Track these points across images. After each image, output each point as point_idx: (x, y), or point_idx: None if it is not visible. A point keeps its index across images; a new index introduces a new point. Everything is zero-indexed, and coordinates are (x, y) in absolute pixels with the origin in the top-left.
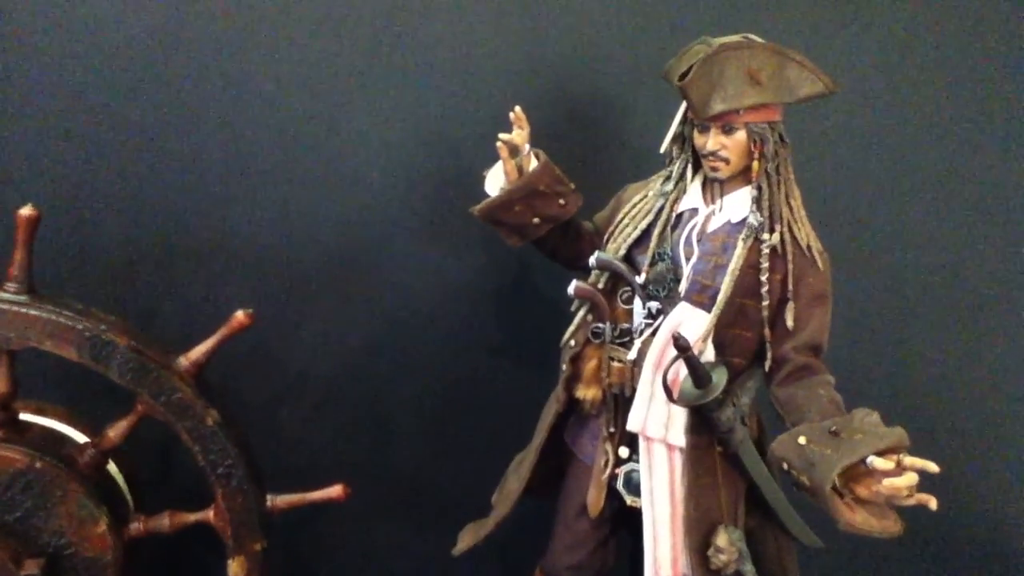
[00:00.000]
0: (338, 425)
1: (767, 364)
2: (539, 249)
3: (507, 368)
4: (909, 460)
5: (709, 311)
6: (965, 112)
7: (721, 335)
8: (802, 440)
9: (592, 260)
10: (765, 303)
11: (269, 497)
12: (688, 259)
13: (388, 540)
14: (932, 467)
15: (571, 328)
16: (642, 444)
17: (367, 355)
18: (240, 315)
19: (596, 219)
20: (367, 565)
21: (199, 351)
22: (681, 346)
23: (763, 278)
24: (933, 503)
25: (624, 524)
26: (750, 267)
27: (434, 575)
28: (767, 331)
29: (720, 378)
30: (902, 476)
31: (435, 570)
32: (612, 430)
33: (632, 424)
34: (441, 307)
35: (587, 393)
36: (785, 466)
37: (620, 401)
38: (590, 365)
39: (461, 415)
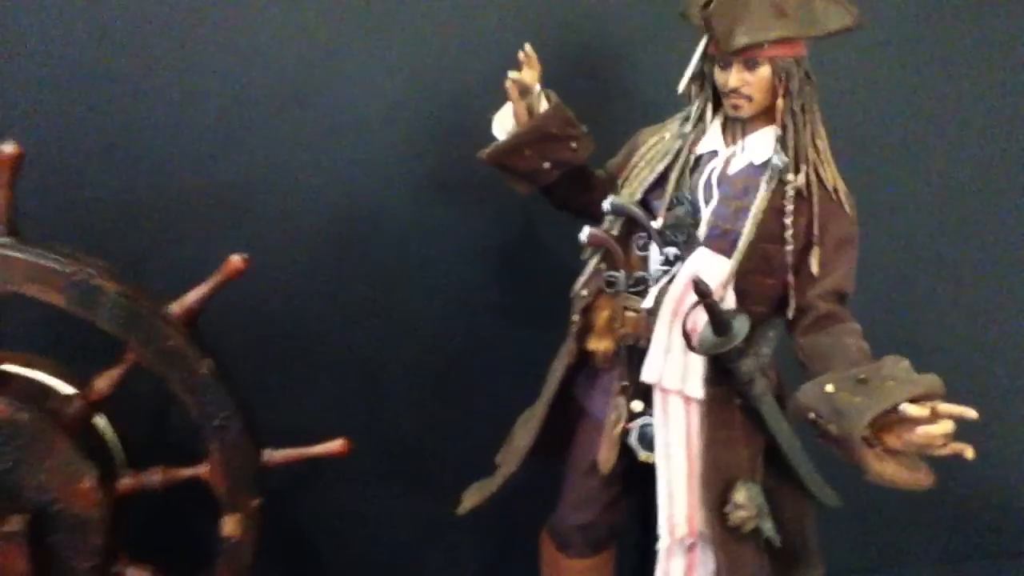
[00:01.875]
0: (335, 384)
1: (790, 312)
2: (548, 198)
3: (513, 325)
4: (945, 407)
5: (730, 257)
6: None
7: (742, 282)
8: (829, 388)
9: (606, 205)
10: (789, 248)
11: (265, 452)
12: (707, 203)
13: (388, 502)
14: (971, 413)
15: (582, 277)
16: (657, 397)
17: (366, 310)
18: (235, 260)
19: (609, 166)
20: (366, 528)
21: (192, 297)
22: (702, 291)
23: (787, 221)
24: (969, 452)
25: (636, 481)
26: (773, 210)
27: (437, 537)
28: (791, 277)
29: (742, 326)
30: (937, 424)
31: (437, 531)
32: (625, 383)
33: (647, 375)
34: (444, 259)
35: (599, 345)
36: (811, 416)
37: (634, 353)
38: (603, 315)
39: (465, 373)
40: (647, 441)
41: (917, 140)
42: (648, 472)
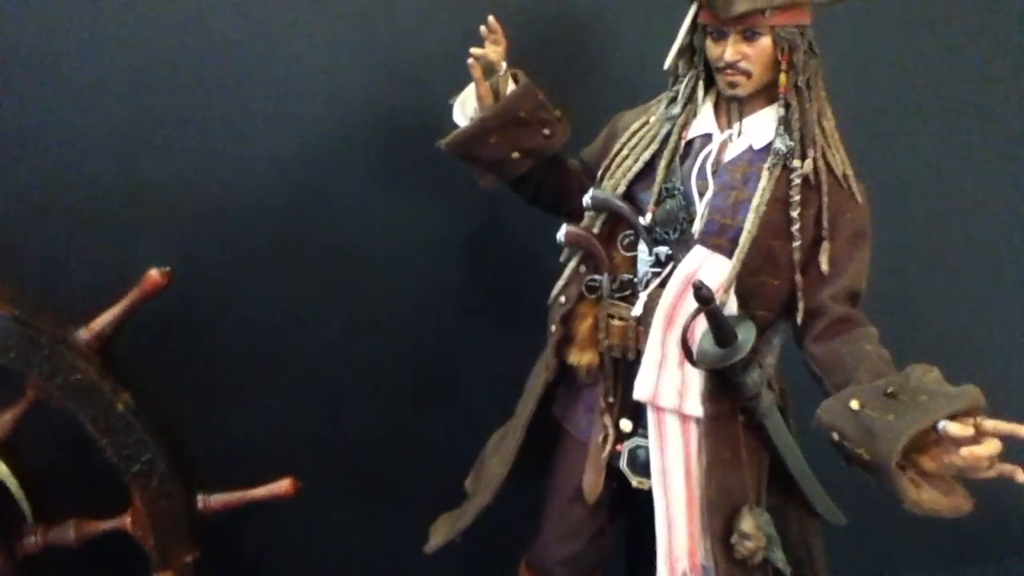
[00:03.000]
0: (284, 404)
1: (799, 316)
2: (518, 192)
3: (482, 333)
4: (991, 424)
5: (729, 255)
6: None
7: (744, 284)
8: (855, 404)
9: (586, 199)
10: (796, 243)
11: (201, 497)
12: (702, 194)
13: (347, 531)
14: (1022, 431)
15: (561, 282)
16: (651, 416)
17: (315, 321)
18: (154, 275)
19: (585, 155)
20: (324, 560)
21: (103, 320)
22: (703, 297)
23: (794, 214)
24: (1020, 474)
25: (624, 509)
26: (777, 201)
27: (401, 567)
28: (799, 277)
29: (747, 335)
30: (982, 444)
31: (402, 565)
32: (611, 400)
33: (639, 393)
34: (402, 262)
35: (581, 358)
36: (836, 437)
37: (621, 366)
38: (584, 325)
39: (429, 388)
40: (640, 465)
41: (912, 129)
42: (639, 499)
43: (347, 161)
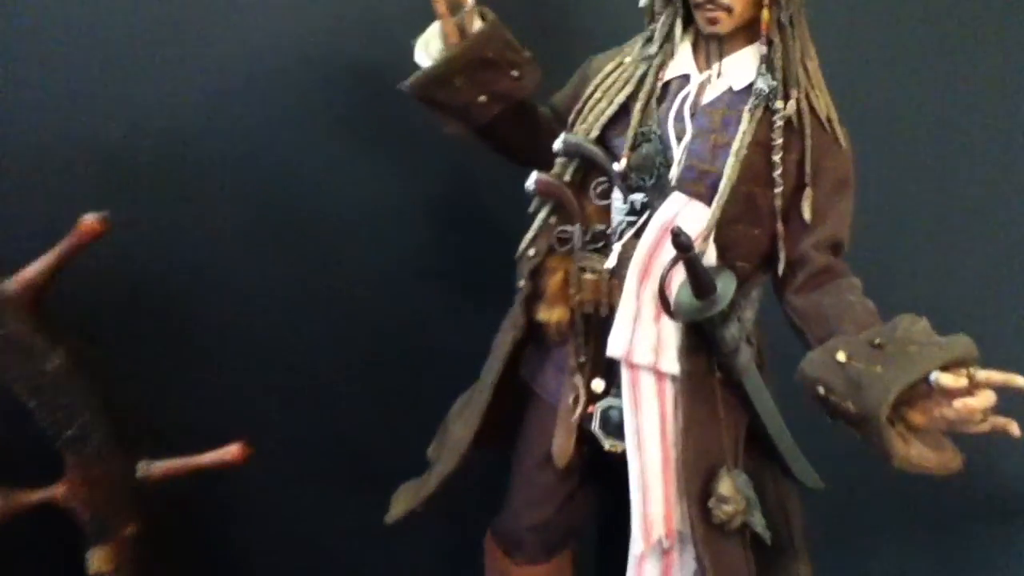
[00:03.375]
0: (238, 372)
1: (780, 267)
2: (485, 141)
3: (447, 297)
4: (984, 374)
5: (708, 203)
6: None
7: (724, 233)
8: (841, 356)
9: (557, 145)
10: (778, 190)
11: (141, 464)
12: (680, 139)
13: (310, 507)
14: (1018, 380)
15: (529, 234)
16: (625, 374)
17: (272, 284)
18: (89, 220)
19: (555, 101)
20: (287, 537)
21: (34, 270)
22: (682, 244)
23: (776, 158)
24: (1015, 427)
25: (597, 473)
26: (758, 145)
27: (366, 546)
28: (780, 226)
29: (727, 286)
30: (977, 395)
31: (366, 539)
32: (582, 359)
33: (613, 349)
34: (361, 221)
35: (551, 315)
36: (821, 390)
37: (593, 322)
38: (555, 279)
39: (393, 356)
40: (613, 427)
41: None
42: (612, 463)
43: (301, 115)
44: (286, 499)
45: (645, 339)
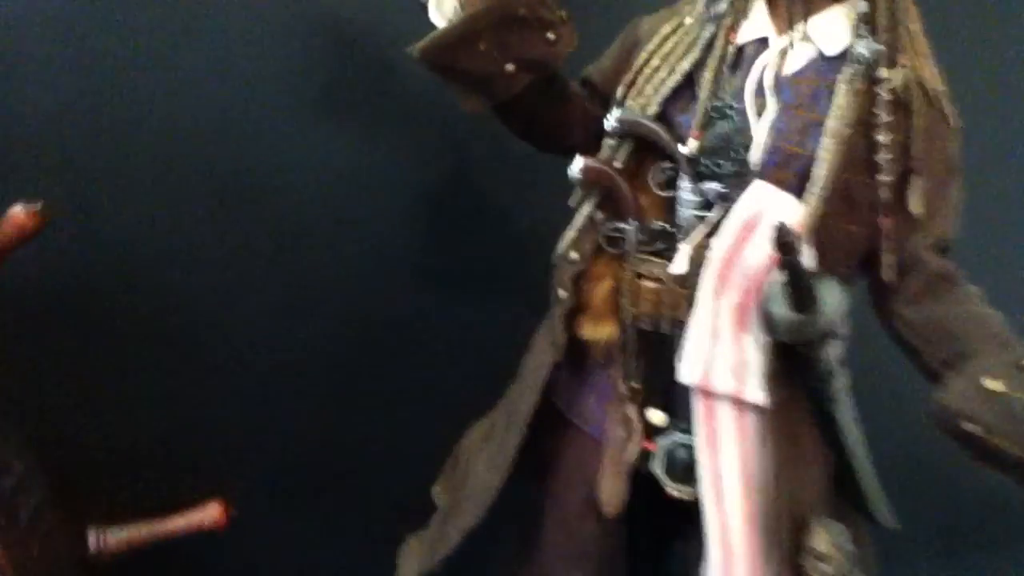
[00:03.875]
0: (201, 391)
1: (887, 272)
2: (507, 121)
3: (453, 302)
4: None
5: (799, 194)
6: None
7: (819, 231)
8: (992, 384)
9: (610, 122)
10: (884, 179)
11: (94, 533)
12: (760, 115)
13: (284, 556)
14: None
15: (571, 233)
16: (698, 405)
17: (241, 285)
18: (18, 213)
19: (591, 74)
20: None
21: None
22: (788, 245)
23: (881, 139)
24: None
25: (647, 524)
26: (859, 123)
27: None
28: (885, 220)
29: (832, 297)
30: None
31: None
32: (635, 384)
33: (687, 374)
34: (352, 212)
35: (598, 332)
36: (969, 427)
37: (648, 340)
38: (602, 289)
39: (382, 374)
40: (680, 469)
41: None
42: (673, 511)
43: (278, 85)
44: (253, 537)
45: (724, 361)
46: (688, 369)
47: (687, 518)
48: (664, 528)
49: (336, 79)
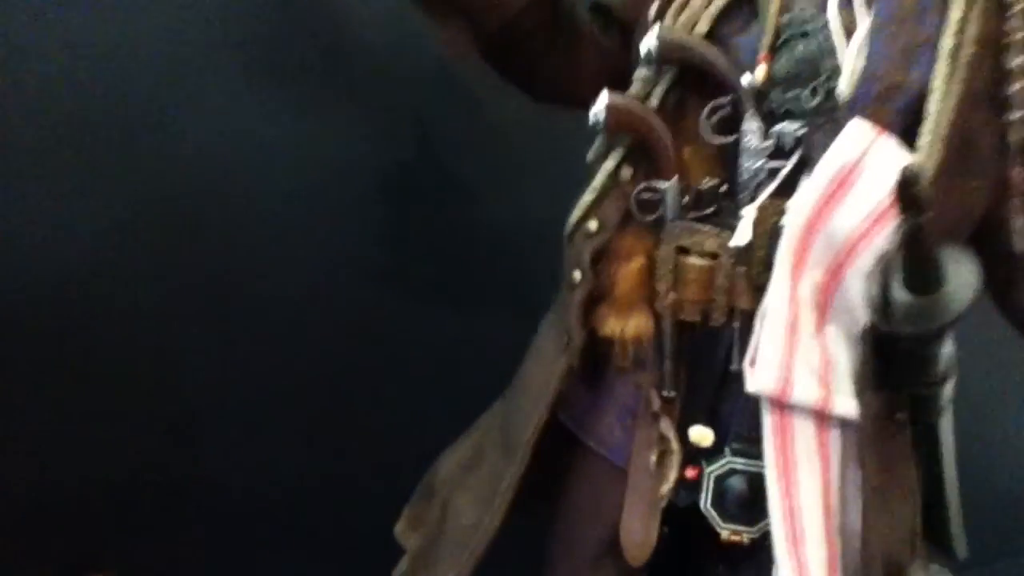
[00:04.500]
0: (116, 430)
1: (1016, 240)
2: (504, 70)
3: (421, 310)
4: None
5: (909, 139)
6: None
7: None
8: None
9: (648, 45)
10: (1015, 115)
11: None
12: (850, 33)
13: None
14: None
15: (587, 196)
16: (770, 422)
17: (163, 307)
18: None
19: None
20: None
21: None
22: (915, 198)
23: (1014, 64)
24: None
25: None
26: (983, 43)
27: None
28: (1017, 172)
29: (963, 273)
30: None
31: None
32: (671, 394)
33: (759, 380)
34: (297, 192)
35: (625, 326)
36: None
37: (696, 338)
38: (631, 269)
39: (334, 393)
40: (735, 503)
41: None
42: (712, 555)
43: (202, 42)
44: None
45: (806, 363)
46: (760, 374)
47: (733, 566)
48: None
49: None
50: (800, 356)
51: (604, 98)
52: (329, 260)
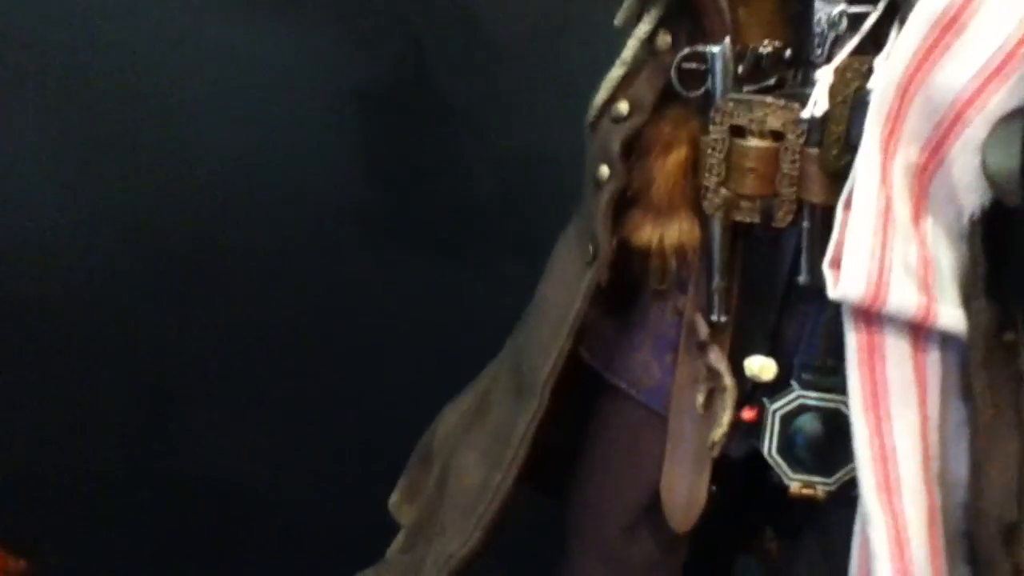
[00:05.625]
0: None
1: None
2: None
3: (417, 248)
4: None
5: None
6: None
7: None
8: None
9: None
10: None
11: None
12: None
13: None
14: None
15: (616, 71)
16: (856, 341)
17: (121, 284)
18: None
19: None
20: None
21: None
22: None
23: None
24: None
25: (729, 533)
26: None
27: None
28: None
29: None
30: None
31: None
32: (722, 319)
33: (847, 283)
34: (262, 150)
35: (665, 232)
36: None
37: (753, 245)
38: (672, 160)
39: (313, 371)
40: (808, 450)
41: None
42: (777, 510)
43: None
44: None
45: (902, 263)
46: (848, 277)
47: (795, 527)
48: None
49: None
50: (896, 254)
51: None
52: (317, 212)
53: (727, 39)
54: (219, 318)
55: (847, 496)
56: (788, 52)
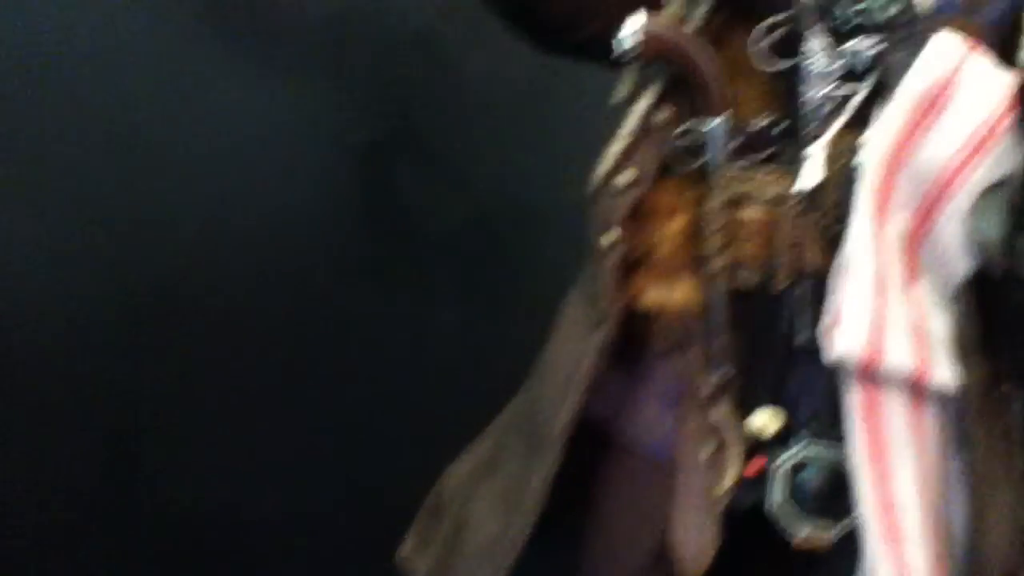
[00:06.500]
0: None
1: None
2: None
3: (407, 290)
4: None
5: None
6: None
7: None
8: None
9: None
10: None
11: None
12: None
13: None
14: None
15: (619, 143)
16: (857, 397)
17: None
18: None
19: None
20: None
21: None
22: None
23: None
24: None
25: None
26: None
27: None
28: None
29: None
30: None
31: None
32: (729, 370)
33: (845, 342)
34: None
35: (670, 295)
36: None
37: (754, 306)
38: (673, 227)
39: (313, 392)
40: (814, 498)
41: None
42: (786, 561)
43: None
44: None
45: (898, 324)
46: (846, 337)
47: (810, 573)
48: None
49: None
50: (892, 316)
51: (636, 22)
52: (306, 253)
53: (724, 114)
54: (198, 362)
55: (850, 547)
56: (781, 127)
